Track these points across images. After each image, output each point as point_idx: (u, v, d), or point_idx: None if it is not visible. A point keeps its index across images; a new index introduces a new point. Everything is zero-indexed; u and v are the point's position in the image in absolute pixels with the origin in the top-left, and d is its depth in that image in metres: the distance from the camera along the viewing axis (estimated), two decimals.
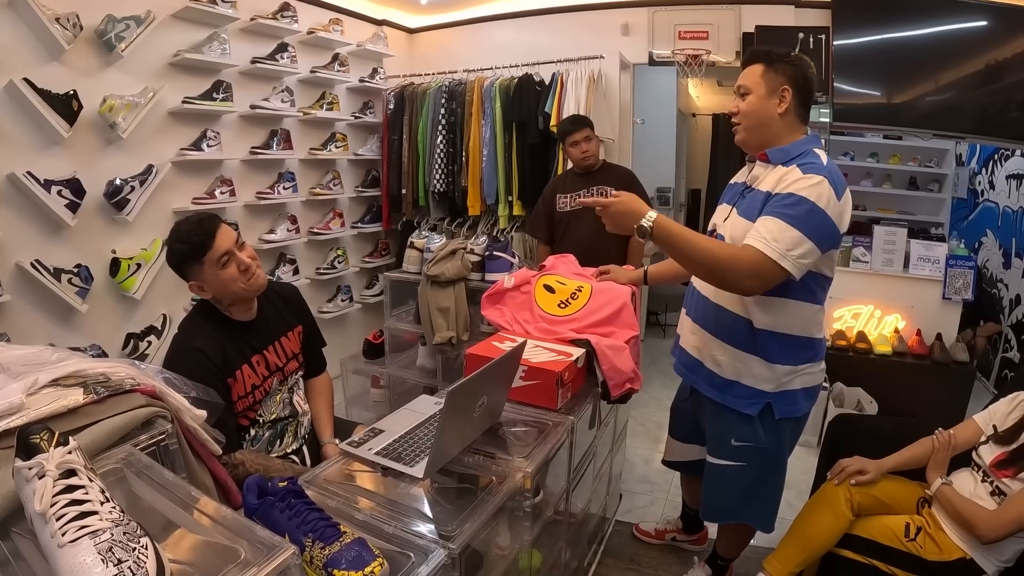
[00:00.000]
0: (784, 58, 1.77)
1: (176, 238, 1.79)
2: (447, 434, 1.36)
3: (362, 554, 1.01)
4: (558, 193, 3.34)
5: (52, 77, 2.56)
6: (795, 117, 1.77)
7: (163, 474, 1.00)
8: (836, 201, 1.62)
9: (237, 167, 3.55)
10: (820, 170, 1.63)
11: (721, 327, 1.87)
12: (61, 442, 0.83)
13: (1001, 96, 3.68)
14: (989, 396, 2.71)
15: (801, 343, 1.81)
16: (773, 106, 1.76)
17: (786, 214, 1.59)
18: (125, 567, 0.71)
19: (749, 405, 1.86)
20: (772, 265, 1.57)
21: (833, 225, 1.62)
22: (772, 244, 1.57)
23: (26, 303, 2.59)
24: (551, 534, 1.81)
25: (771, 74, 1.76)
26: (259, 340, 1.94)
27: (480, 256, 2.93)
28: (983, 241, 5.11)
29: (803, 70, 1.77)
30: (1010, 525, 1.67)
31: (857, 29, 3.82)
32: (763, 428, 1.88)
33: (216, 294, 1.83)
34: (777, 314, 1.77)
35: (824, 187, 1.60)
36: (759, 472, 1.95)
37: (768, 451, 1.91)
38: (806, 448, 3.56)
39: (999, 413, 1.94)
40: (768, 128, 1.78)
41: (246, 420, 1.91)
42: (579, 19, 4.42)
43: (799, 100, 1.77)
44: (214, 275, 1.78)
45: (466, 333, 2.83)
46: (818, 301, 1.80)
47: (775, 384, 1.83)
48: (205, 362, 1.75)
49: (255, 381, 1.90)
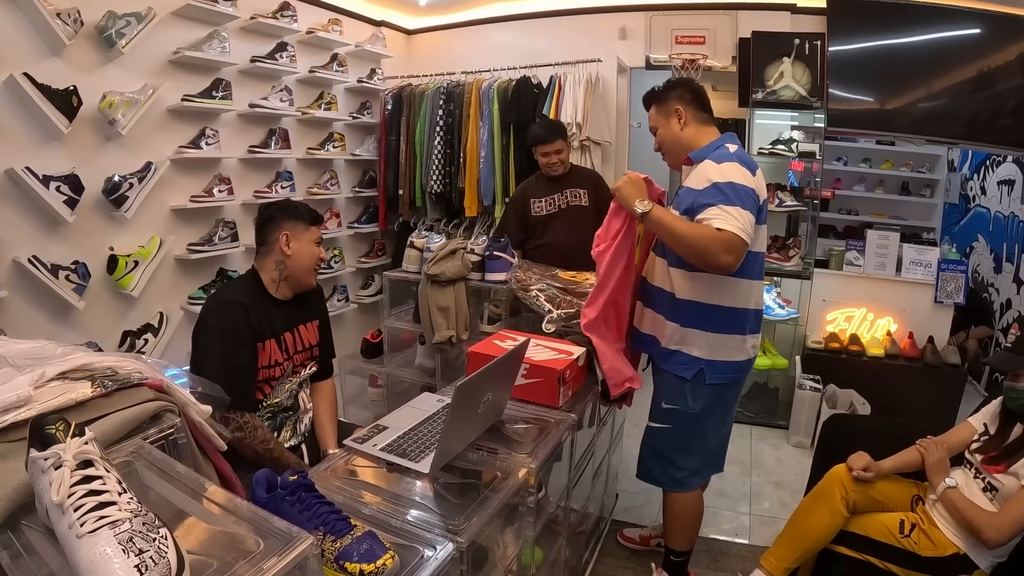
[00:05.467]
0: (664, 89, 2.13)
1: (296, 203, 2.18)
2: (454, 429, 1.37)
3: (373, 547, 1.02)
4: (531, 198, 3.31)
5: (52, 72, 2.55)
6: (697, 123, 2.08)
7: (175, 466, 1.01)
8: (751, 177, 1.88)
9: (235, 166, 3.54)
10: (729, 157, 1.90)
11: (665, 305, 2.08)
12: (77, 432, 0.82)
13: (993, 102, 3.72)
14: (980, 399, 2.74)
15: (736, 313, 2.02)
16: (675, 126, 2.09)
17: (720, 199, 1.81)
18: (147, 557, 0.71)
19: (686, 369, 2.06)
20: (739, 240, 1.77)
21: (755, 194, 1.88)
22: (732, 222, 1.77)
23: (23, 299, 2.57)
24: (551, 531, 1.83)
25: (661, 106, 2.12)
26: (289, 320, 2.08)
27: (480, 256, 2.94)
28: (974, 246, 5.16)
29: (684, 86, 2.11)
30: (1015, 529, 1.70)
31: (852, 36, 3.85)
32: (692, 392, 2.07)
33: (295, 257, 2.03)
34: (717, 289, 1.98)
35: (736, 168, 1.86)
36: (678, 434, 2.14)
37: (691, 415, 2.09)
38: (800, 449, 3.60)
39: (990, 413, 1.99)
40: (681, 144, 2.09)
41: (260, 395, 1.99)
42: (577, 22, 4.43)
43: (695, 107, 2.08)
44: (308, 244, 2.06)
45: (466, 332, 2.84)
46: (752, 275, 2.01)
47: (709, 351, 2.02)
48: (244, 315, 1.90)
49: (278, 358, 2.00)
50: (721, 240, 1.76)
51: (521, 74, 4.12)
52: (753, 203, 1.84)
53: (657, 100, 2.13)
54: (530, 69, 4.12)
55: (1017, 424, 1.85)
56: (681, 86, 2.11)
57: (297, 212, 2.07)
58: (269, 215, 2.07)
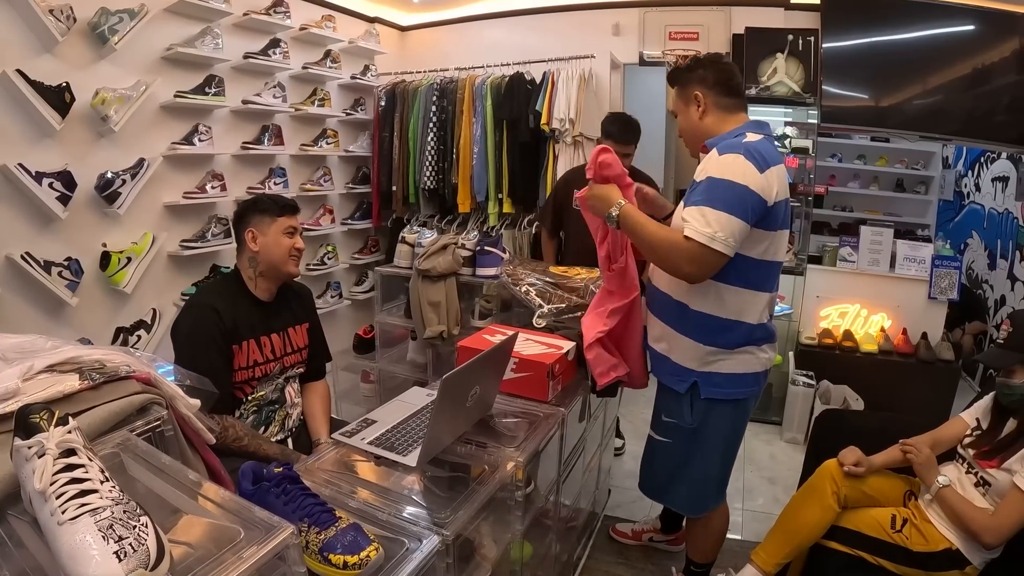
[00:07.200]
0: (685, 69, 1.89)
1: (264, 196, 2.14)
2: (441, 423, 1.38)
3: (357, 539, 1.03)
4: (574, 189, 3.18)
5: (45, 69, 2.55)
6: (719, 111, 1.84)
7: (160, 458, 1.01)
8: (757, 174, 1.63)
9: (228, 162, 3.54)
10: (737, 148, 1.67)
11: (657, 304, 1.96)
12: (61, 421, 0.83)
13: (988, 99, 3.73)
14: (974, 395, 2.75)
15: (728, 325, 1.82)
16: (693, 113, 1.86)
17: (705, 199, 1.64)
18: (126, 544, 0.72)
19: (678, 382, 1.91)
20: (704, 251, 1.61)
21: (756, 196, 1.64)
22: (699, 230, 1.61)
23: (16, 296, 2.57)
24: (542, 526, 1.83)
25: (680, 89, 1.90)
26: (271, 323, 2.06)
27: (471, 251, 2.95)
28: (969, 243, 5.18)
29: (709, 67, 1.85)
30: (1012, 530, 1.70)
31: (846, 32, 3.85)
32: (691, 407, 1.91)
33: (262, 252, 1.99)
34: (706, 297, 1.80)
35: (739, 162, 1.64)
36: (683, 452, 1.98)
37: (693, 432, 1.93)
38: (792, 445, 3.61)
39: (982, 408, 1.99)
40: (699, 132, 1.86)
41: (240, 394, 1.98)
42: (570, 19, 4.42)
43: (718, 92, 1.83)
44: (276, 237, 2.00)
45: (457, 327, 2.85)
46: (751, 286, 1.80)
47: (700, 363, 1.86)
48: (216, 319, 1.88)
49: (258, 358, 1.99)
50: (683, 250, 1.64)
51: (514, 70, 4.12)
52: (748, 206, 1.62)
53: (678, 81, 1.91)
54: (523, 65, 4.13)
55: (1010, 419, 1.85)
56: (705, 66, 1.85)
57: (262, 205, 2.03)
58: (238, 213, 2.06)
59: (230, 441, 1.85)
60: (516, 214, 4.23)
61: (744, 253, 1.72)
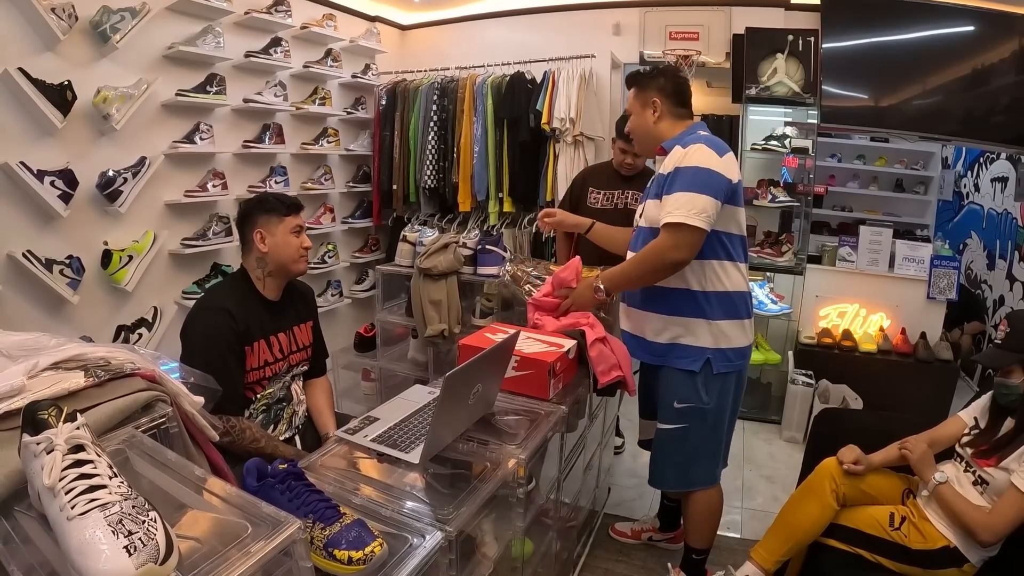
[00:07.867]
0: (646, 76, 2.09)
1: (270, 194, 2.10)
2: (443, 420, 1.38)
3: (362, 535, 1.03)
4: (590, 186, 3.11)
5: (47, 67, 2.55)
6: (672, 119, 2.07)
7: (166, 454, 1.01)
8: (718, 158, 1.88)
9: (229, 160, 3.55)
10: (697, 140, 1.91)
11: (651, 300, 2.07)
12: (69, 418, 0.84)
13: (987, 100, 3.73)
14: (972, 394, 2.76)
15: (742, 297, 2.04)
16: (648, 117, 2.07)
17: (680, 185, 1.85)
18: (136, 538, 0.72)
19: (691, 362, 2.03)
20: (685, 229, 1.82)
21: (722, 177, 1.87)
22: (678, 212, 1.82)
23: (17, 294, 2.58)
24: (542, 524, 1.84)
25: (639, 92, 2.09)
26: (279, 321, 2.07)
27: (472, 250, 2.95)
28: (968, 243, 5.19)
29: (668, 77, 2.07)
30: (1008, 528, 1.71)
31: (846, 32, 3.86)
32: (705, 386, 2.04)
33: (272, 253, 2.00)
34: (706, 274, 1.98)
35: (703, 150, 1.88)
36: (699, 434, 2.09)
37: (708, 411, 2.06)
38: (792, 444, 3.61)
39: (980, 407, 2.00)
40: (653, 135, 2.08)
41: (251, 394, 1.99)
42: (571, 18, 4.44)
43: (673, 102, 2.06)
44: (285, 237, 2.00)
45: (458, 326, 2.85)
46: (739, 259, 2.03)
47: (714, 339, 2.01)
48: (229, 321, 1.88)
49: (268, 358, 2.00)
50: (661, 247, 1.86)
51: (515, 70, 4.13)
52: (716, 186, 1.85)
53: (638, 84, 2.10)
54: (524, 65, 4.14)
55: (1007, 419, 1.86)
56: (666, 76, 2.08)
57: (269, 204, 2.03)
58: (243, 212, 2.05)
59: (248, 443, 1.85)
60: (516, 213, 4.25)
61: (727, 231, 1.97)
